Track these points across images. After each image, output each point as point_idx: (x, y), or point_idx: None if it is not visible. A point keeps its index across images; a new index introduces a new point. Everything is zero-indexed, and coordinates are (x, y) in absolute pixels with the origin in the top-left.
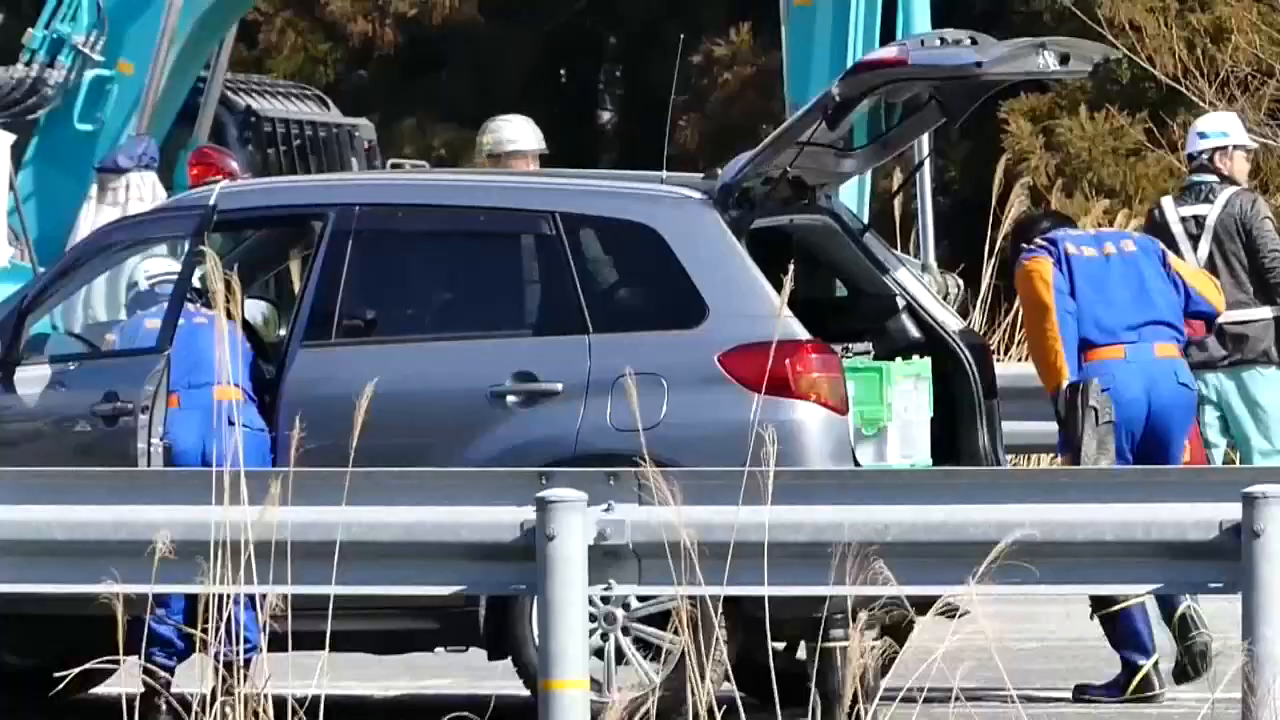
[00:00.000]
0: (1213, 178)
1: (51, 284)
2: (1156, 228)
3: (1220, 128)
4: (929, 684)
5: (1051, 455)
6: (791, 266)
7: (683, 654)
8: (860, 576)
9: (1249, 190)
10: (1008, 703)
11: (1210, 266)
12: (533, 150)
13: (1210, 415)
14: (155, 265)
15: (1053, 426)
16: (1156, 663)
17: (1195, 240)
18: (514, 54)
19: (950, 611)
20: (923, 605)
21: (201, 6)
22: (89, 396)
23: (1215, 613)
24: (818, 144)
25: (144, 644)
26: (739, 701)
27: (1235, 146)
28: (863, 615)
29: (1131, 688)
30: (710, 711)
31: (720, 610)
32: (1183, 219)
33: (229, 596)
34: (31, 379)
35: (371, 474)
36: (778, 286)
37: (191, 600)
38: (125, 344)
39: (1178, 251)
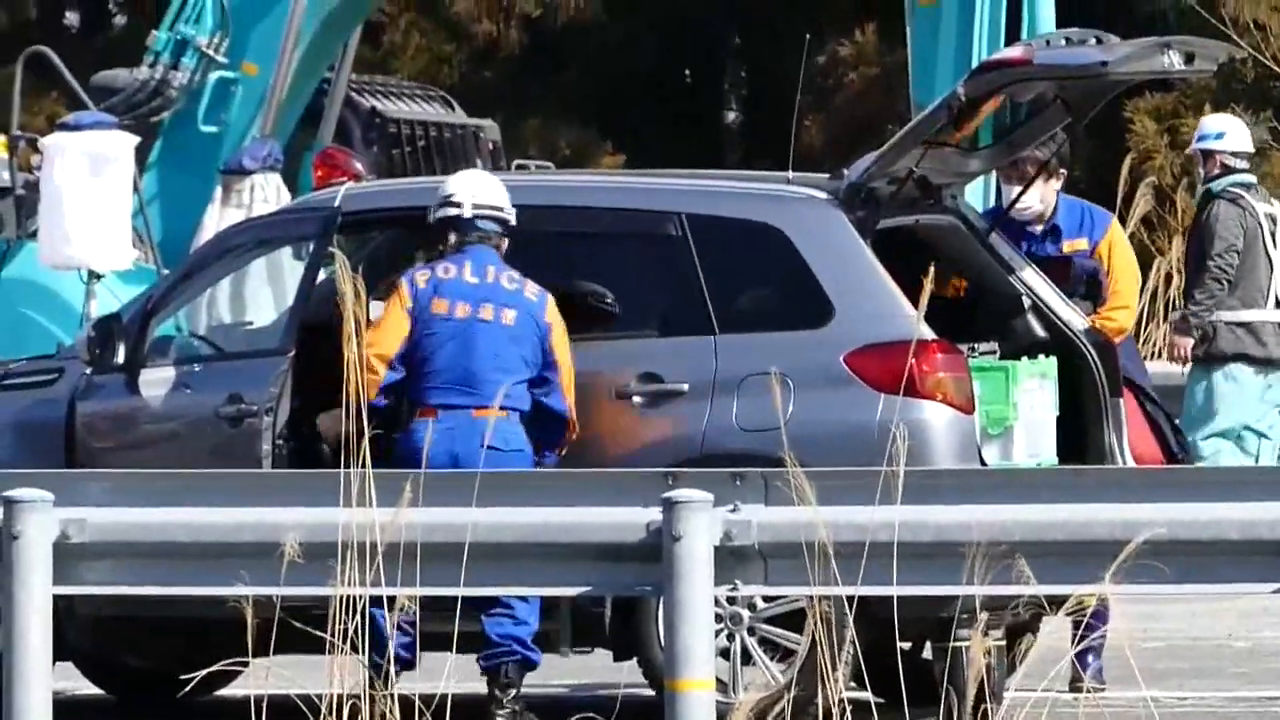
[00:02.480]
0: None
1: (176, 286)
2: (1249, 220)
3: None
4: (1058, 684)
5: None
6: (931, 269)
7: (812, 654)
8: (987, 576)
9: None
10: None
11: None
12: None
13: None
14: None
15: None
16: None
17: (1274, 239)
18: (638, 53)
19: (1079, 612)
20: (1050, 604)
21: (326, 7)
22: (213, 399)
23: None
24: (943, 143)
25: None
26: (871, 702)
27: None
28: (983, 616)
29: None
30: (843, 711)
31: (858, 611)
32: (1267, 215)
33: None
34: (157, 381)
35: (499, 475)
36: (903, 286)
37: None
38: None
39: (1265, 250)
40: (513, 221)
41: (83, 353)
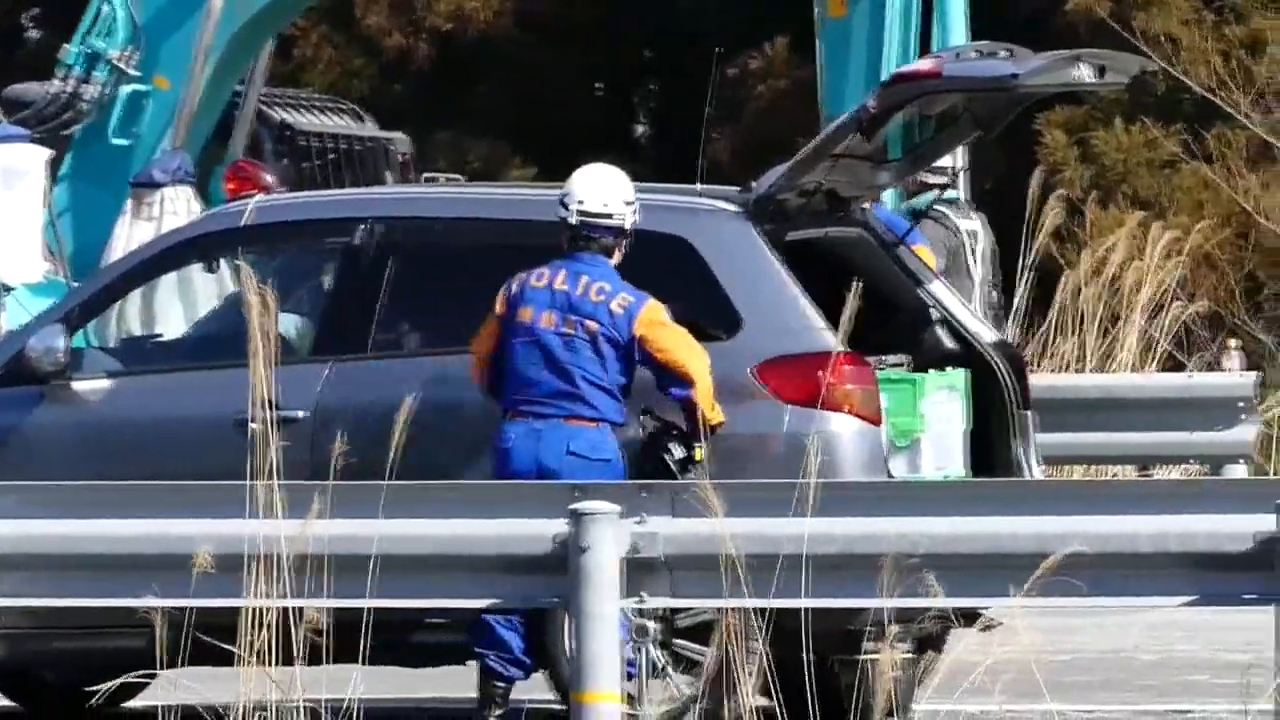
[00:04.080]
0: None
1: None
2: (953, 240)
3: None
4: (967, 698)
5: (1086, 467)
6: (857, 284)
7: (722, 666)
8: (896, 589)
9: None
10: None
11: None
12: None
13: None
14: None
15: (1086, 437)
16: None
17: (975, 255)
18: (549, 67)
19: (987, 626)
20: (960, 617)
21: (238, 22)
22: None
23: (1252, 624)
24: (852, 156)
25: (481, 646)
26: (780, 713)
27: None
28: (892, 629)
29: None
30: None
31: (768, 623)
32: (969, 232)
33: None
34: (105, 390)
35: (406, 487)
36: (813, 298)
37: (531, 615)
38: None
39: (966, 267)
40: (627, 225)
41: (45, 362)
